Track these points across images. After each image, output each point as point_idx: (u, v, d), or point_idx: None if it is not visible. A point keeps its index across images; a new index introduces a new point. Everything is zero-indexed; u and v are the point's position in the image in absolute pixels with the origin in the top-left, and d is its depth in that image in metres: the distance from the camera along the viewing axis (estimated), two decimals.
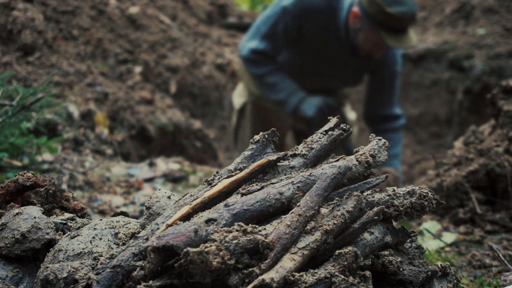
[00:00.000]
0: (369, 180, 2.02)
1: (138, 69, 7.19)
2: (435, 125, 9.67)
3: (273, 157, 2.02)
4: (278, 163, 2.05)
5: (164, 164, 5.36)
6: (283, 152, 2.07)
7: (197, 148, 7.19)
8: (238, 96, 6.52)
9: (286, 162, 2.06)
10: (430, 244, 3.38)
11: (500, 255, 2.73)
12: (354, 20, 5.41)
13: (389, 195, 1.99)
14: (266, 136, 2.15)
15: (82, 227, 2.13)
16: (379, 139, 2.14)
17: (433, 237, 3.48)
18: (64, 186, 4.32)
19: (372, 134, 2.22)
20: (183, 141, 7.06)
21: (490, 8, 9.88)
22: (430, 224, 3.69)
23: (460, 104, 9.09)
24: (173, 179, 5.06)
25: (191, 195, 1.99)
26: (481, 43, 9.27)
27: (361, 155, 2.03)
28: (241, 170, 2.08)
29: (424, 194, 1.98)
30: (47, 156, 4.74)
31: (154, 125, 6.62)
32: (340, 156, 2.07)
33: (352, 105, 6.95)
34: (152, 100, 6.91)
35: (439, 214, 3.89)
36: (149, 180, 4.97)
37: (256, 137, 2.15)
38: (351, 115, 6.55)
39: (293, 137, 7.19)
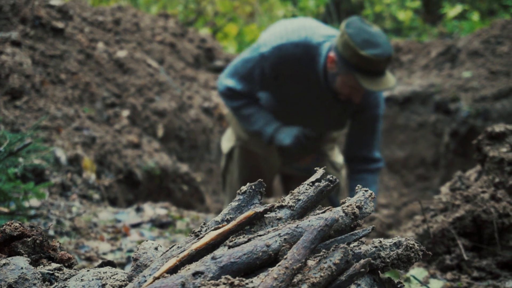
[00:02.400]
0: (356, 231, 2.03)
1: (125, 113, 7.21)
2: (422, 167, 9.71)
3: (260, 209, 2.03)
4: (265, 215, 2.06)
5: (151, 209, 5.36)
6: (270, 204, 2.08)
7: (184, 191, 7.19)
8: (226, 141, 6.55)
9: (273, 214, 2.07)
10: None
11: None
12: (331, 65, 5.43)
13: (376, 247, 2.00)
14: (253, 187, 2.16)
15: (69, 278, 2.13)
16: (366, 191, 2.15)
17: (420, 284, 3.48)
18: (51, 232, 4.31)
19: (351, 175, 2.23)
20: (170, 184, 7.06)
21: (475, 51, 9.99)
22: (417, 271, 3.69)
23: (447, 147, 9.15)
24: (160, 224, 5.05)
25: (178, 247, 1.99)
26: (467, 86, 9.36)
27: (347, 206, 2.04)
28: (228, 221, 2.08)
29: (410, 245, 1.99)
30: (34, 202, 4.73)
31: (141, 169, 6.62)
32: (326, 208, 2.08)
33: (340, 147, 6.96)
34: (139, 144, 6.92)
35: (426, 260, 3.90)
36: (136, 225, 4.96)
37: (243, 188, 2.16)
38: (339, 158, 6.56)
39: (280, 181, 7.19)
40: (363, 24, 5.31)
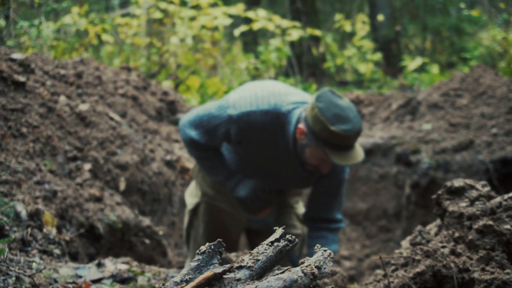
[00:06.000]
0: None
1: (87, 166, 7.17)
2: (384, 219, 9.74)
3: (219, 269, 2.03)
4: (224, 276, 2.06)
5: (112, 265, 5.31)
6: (229, 265, 2.08)
7: (146, 245, 7.13)
8: (191, 196, 6.47)
9: (232, 275, 2.07)
10: None
11: None
12: (300, 136, 5.40)
13: None
14: (212, 247, 2.16)
15: None
16: (325, 250, 2.16)
17: None
18: None
19: (311, 233, 2.24)
20: (132, 238, 7.01)
21: (435, 104, 10.11)
22: None
23: (408, 198, 9.21)
24: (122, 280, 5.00)
25: None
26: (427, 138, 9.46)
27: (306, 266, 2.05)
28: (187, 282, 2.08)
29: None
30: None
31: (103, 223, 6.57)
32: (285, 268, 2.08)
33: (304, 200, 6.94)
34: (101, 198, 6.87)
35: None
36: (97, 281, 4.91)
37: (202, 248, 2.16)
38: (302, 210, 6.54)
39: (246, 237, 7.15)
40: (334, 97, 5.30)
